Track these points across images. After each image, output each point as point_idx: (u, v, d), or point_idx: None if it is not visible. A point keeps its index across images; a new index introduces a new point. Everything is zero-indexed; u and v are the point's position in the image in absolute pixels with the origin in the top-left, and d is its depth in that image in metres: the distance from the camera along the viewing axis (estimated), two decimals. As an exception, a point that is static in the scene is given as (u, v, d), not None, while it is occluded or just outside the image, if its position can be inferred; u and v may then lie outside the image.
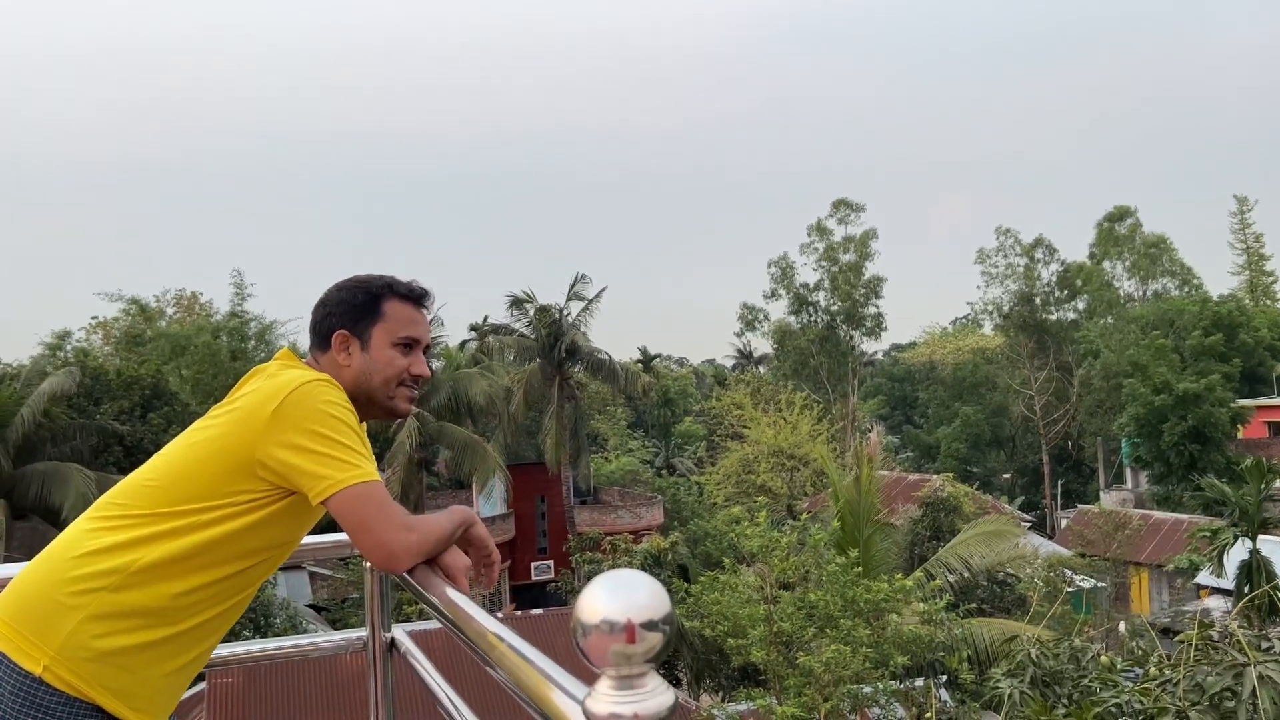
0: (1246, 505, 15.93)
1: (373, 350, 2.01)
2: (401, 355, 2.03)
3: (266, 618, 18.79)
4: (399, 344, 2.03)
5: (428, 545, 1.81)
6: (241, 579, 1.90)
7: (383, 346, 2.02)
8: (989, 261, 53.32)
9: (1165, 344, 40.47)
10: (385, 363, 2.01)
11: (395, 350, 2.02)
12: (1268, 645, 4.31)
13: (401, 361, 2.03)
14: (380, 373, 2.01)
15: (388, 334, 2.02)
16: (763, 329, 54.70)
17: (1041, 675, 5.18)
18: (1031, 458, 53.61)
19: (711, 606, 14.41)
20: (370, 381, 2.01)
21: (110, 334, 33.48)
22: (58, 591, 1.75)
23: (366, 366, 2.01)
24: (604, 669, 0.92)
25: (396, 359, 2.02)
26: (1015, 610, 21.30)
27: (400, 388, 2.04)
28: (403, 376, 2.03)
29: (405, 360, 2.03)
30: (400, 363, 2.03)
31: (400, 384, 2.04)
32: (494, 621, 1.35)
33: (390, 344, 2.02)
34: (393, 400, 2.03)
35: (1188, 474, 36.43)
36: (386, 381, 2.02)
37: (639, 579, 0.94)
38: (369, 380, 2.00)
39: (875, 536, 17.18)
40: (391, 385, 2.03)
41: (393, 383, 2.03)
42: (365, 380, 2.00)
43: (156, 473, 1.86)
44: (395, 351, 2.02)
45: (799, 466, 36.75)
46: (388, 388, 2.02)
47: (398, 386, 2.03)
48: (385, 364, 2.01)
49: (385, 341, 2.02)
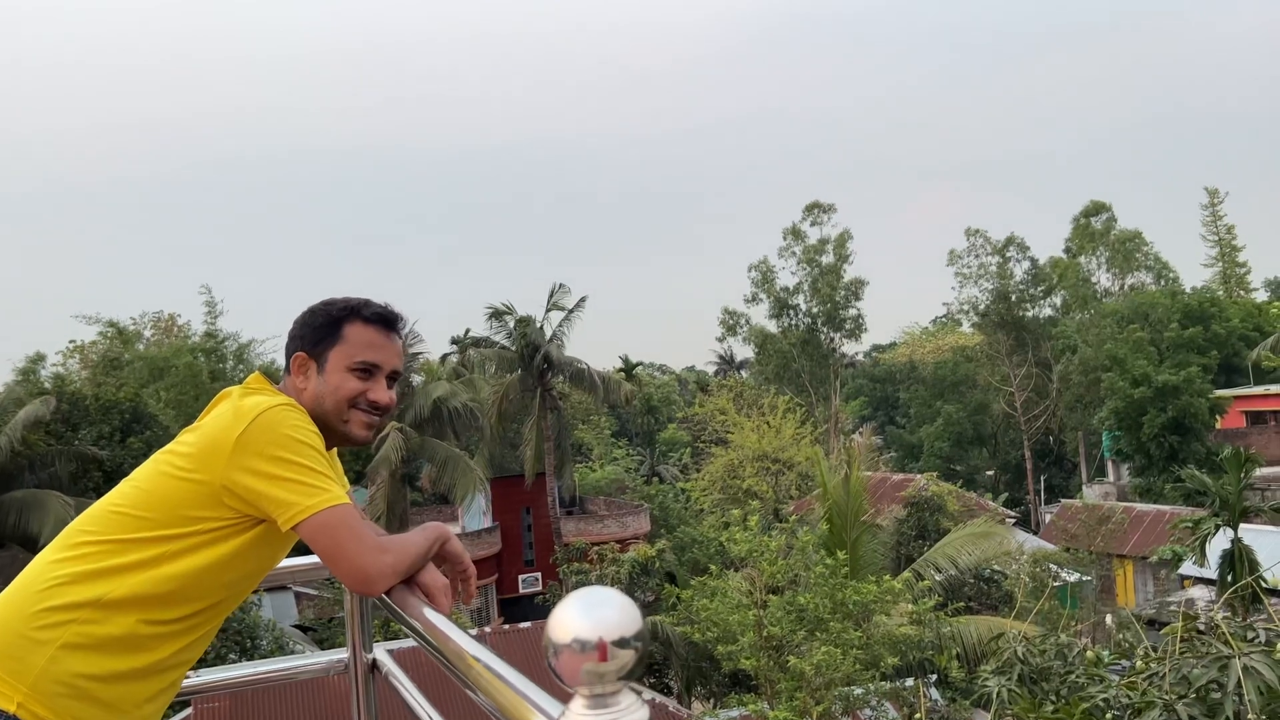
0: (1227, 495, 16.02)
1: (327, 374, 1.97)
2: (357, 380, 1.97)
3: (253, 640, 18.63)
4: (355, 368, 1.97)
5: (403, 566, 1.79)
6: (216, 609, 1.89)
7: (337, 370, 1.97)
8: (960, 262, 53.71)
9: (1142, 336, 40.85)
10: (336, 386, 1.96)
11: (350, 374, 1.97)
12: (1253, 635, 4.33)
13: (353, 385, 1.97)
14: (331, 396, 1.96)
15: (344, 357, 1.97)
16: (744, 333, 54.84)
17: (1029, 672, 5.19)
18: (1014, 454, 53.90)
19: (701, 613, 14.41)
20: (323, 405, 1.96)
21: (88, 358, 33.19)
22: (27, 626, 1.72)
23: (320, 390, 1.97)
24: (577, 688, 0.91)
25: (348, 382, 1.97)
26: (1002, 606, 21.40)
27: (354, 411, 1.98)
28: (356, 400, 1.98)
29: (360, 385, 1.97)
30: (351, 386, 1.97)
31: (354, 408, 1.98)
32: (471, 641, 1.34)
33: (345, 368, 1.97)
34: (346, 425, 1.98)
35: (1168, 465, 36.72)
36: (338, 405, 1.96)
37: (610, 596, 0.93)
38: (322, 404, 1.96)
39: (863, 537, 17.23)
40: (344, 409, 1.97)
41: (344, 407, 1.97)
42: (319, 404, 1.95)
43: (125, 499, 1.84)
44: (350, 375, 1.97)
45: (784, 470, 36.80)
46: (340, 412, 1.97)
47: (350, 410, 1.98)
48: (336, 388, 1.96)
49: (340, 365, 1.97)
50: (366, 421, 2.00)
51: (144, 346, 33.32)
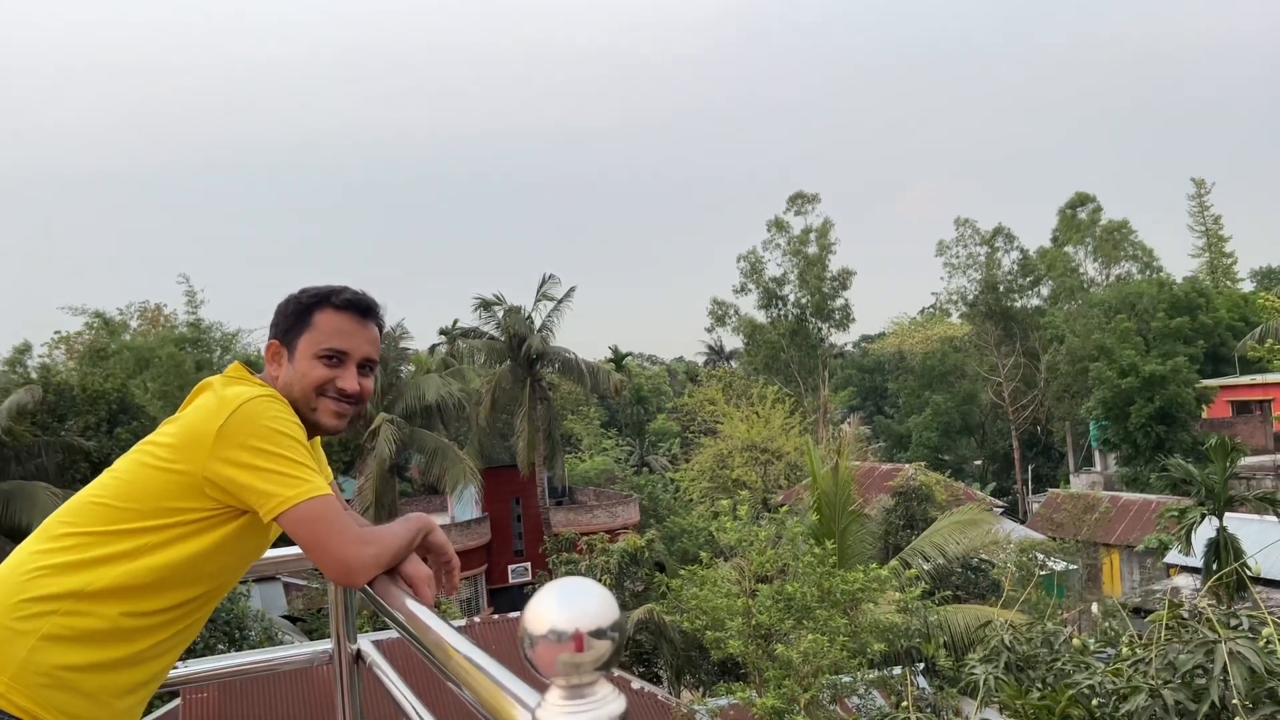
0: (1213, 484, 16.15)
1: (295, 361, 1.96)
2: (325, 367, 1.95)
3: (241, 630, 18.60)
4: (322, 355, 1.95)
5: (385, 557, 1.78)
6: (199, 600, 1.88)
7: (305, 357, 1.96)
8: (949, 253, 53.82)
9: (1129, 327, 41.02)
10: (303, 374, 1.95)
11: (318, 361, 1.95)
12: (1236, 622, 4.35)
13: (320, 373, 1.95)
14: (299, 383, 1.95)
15: (312, 344, 1.96)
16: (733, 324, 54.87)
17: (1015, 660, 5.21)
18: (1001, 444, 54.15)
19: (690, 601, 14.45)
20: (291, 392, 1.94)
21: (74, 348, 33.00)
22: (8, 617, 1.71)
23: (289, 378, 1.96)
24: (553, 679, 0.91)
25: (315, 369, 1.95)
26: (990, 595, 21.52)
27: (322, 399, 1.96)
28: (324, 388, 1.96)
29: (328, 372, 1.96)
30: (318, 374, 1.95)
31: (322, 395, 1.96)
32: (451, 632, 1.34)
33: (313, 355, 1.95)
34: (315, 413, 1.96)
35: (1155, 455, 36.91)
36: (305, 392, 1.95)
37: (587, 586, 0.93)
38: (290, 391, 1.94)
39: (851, 527, 17.29)
40: (311, 398, 1.95)
41: (311, 395, 1.95)
42: (288, 391, 1.94)
43: (106, 490, 1.83)
44: (317, 362, 1.95)
45: (773, 460, 36.87)
46: (308, 399, 1.95)
47: (319, 398, 1.96)
48: (303, 375, 1.95)
49: (308, 352, 1.96)
50: (336, 410, 1.98)
51: (130, 337, 33.12)
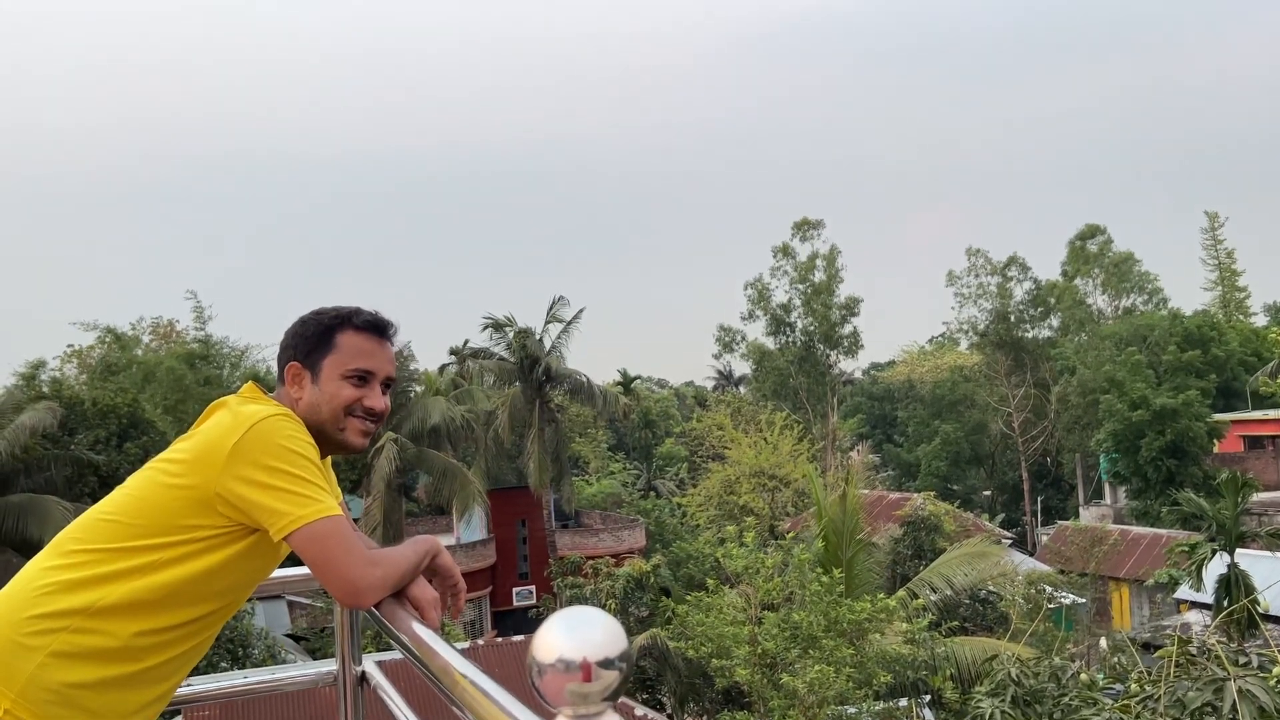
0: (1224, 519, 16.02)
1: (322, 382, 1.99)
2: (352, 387, 1.99)
3: (245, 648, 18.55)
4: (349, 376, 1.99)
5: (393, 579, 1.79)
6: (208, 619, 1.88)
7: (331, 379, 1.98)
8: (960, 283, 53.78)
9: (1140, 360, 40.85)
10: (331, 395, 1.98)
11: (345, 382, 1.99)
12: (1246, 660, 4.32)
13: (349, 393, 1.99)
14: (328, 404, 1.98)
15: (338, 366, 1.99)
16: (741, 350, 54.86)
17: (1023, 694, 5.16)
18: (1011, 474, 53.84)
19: (696, 628, 14.37)
20: (319, 414, 1.97)
21: (85, 363, 33.15)
22: (17, 632, 1.71)
23: (315, 399, 1.98)
24: (560, 708, 0.91)
25: (344, 390, 1.98)
26: (998, 627, 21.32)
27: (350, 419, 2.00)
28: (352, 408, 1.99)
29: (356, 392, 1.99)
30: (347, 394, 1.98)
31: (350, 415, 2.00)
32: (458, 656, 1.33)
33: (340, 376, 1.99)
34: (343, 433, 1.99)
35: (1165, 489, 36.63)
36: (334, 414, 1.98)
37: (595, 616, 0.93)
38: (318, 413, 1.97)
39: (858, 556, 17.19)
40: (340, 418, 1.99)
41: (340, 415, 1.98)
42: (315, 413, 1.97)
43: (117, 507, 1.83)
44: (345, 383, 1.99)
45: (780, 487, 36.71)
46: (336, 420, 1.98)
47: (347, 418, 1.99)
48: (331, 396, 1.98)
49: (334, 374, 1.99)
50: (363, 429, 2.02)
51: (141, 352, 33.27)
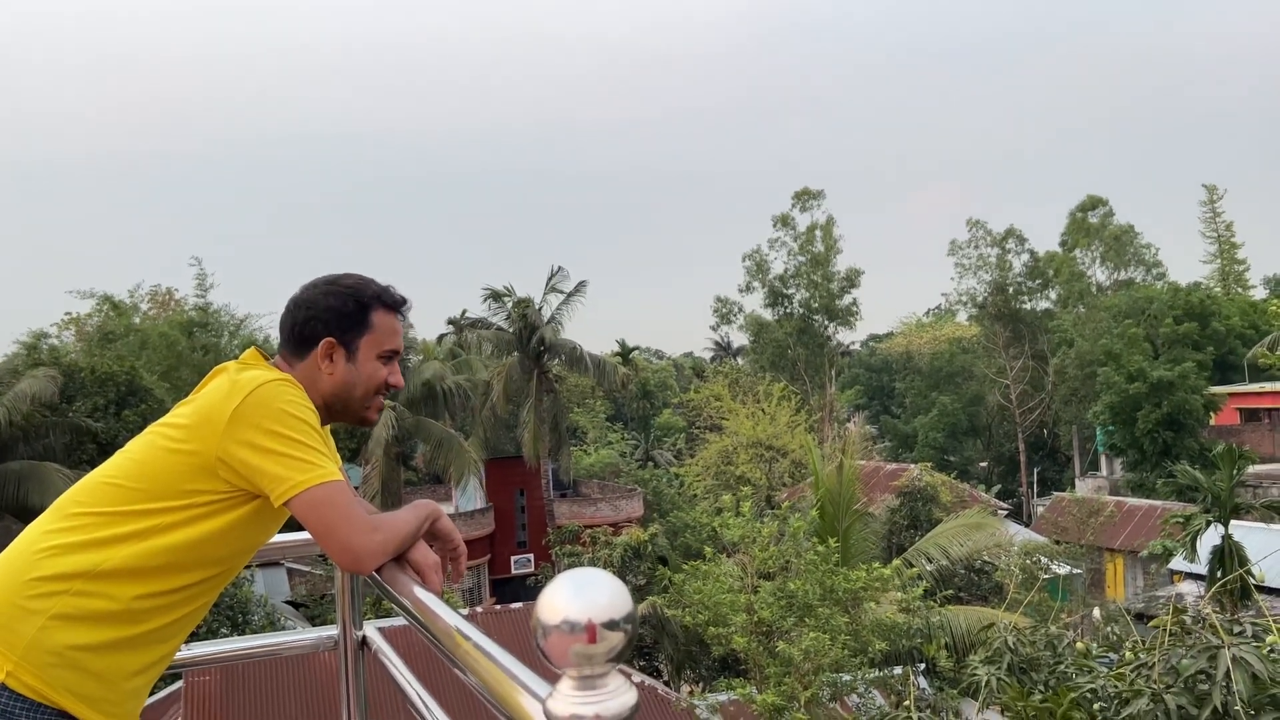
0: (1218, 491, 16.06)
1: (359, 362, 2.01)
2: (383, 366, 2.03)
3: (244, 615, 18.66)
4: (384, 356, 2.03)
5: (393, 544, 1.79)
6: (208, 583, 1.89)
7: (369, 359, 2.01)
8: (961, 253, 53.66)
9: (1138, 332, 40.86)
10: (369, 375, 2.01)
11: (379, 362, 2.02)
12: (1239, 629, 4.34)
13: (383, 373, 2.03)
14: (363, 384, 2.01)
15: (374, 346, 2.02)
16: (739, 322, 54.80)
17: (1018, 662, 5.21)
18: (1008, 446, 54.01)
19: (693, 595, 14.44)
20: (353, 392, 2.01)
21: (82, 330, 33.08)
22: (19, 595, 1.72)
23: (351, 377, 2.00)
24: (565, 669, 0.91)
25: (379, 370, 2.02)
26: (992, 598, 21.48)
27: (375, 397, 2.05)
28: (380, 387, 2.04)
29: (386, 371, 2.04)
30: (381, 374, 2.03)
31: (379, 393, 2.05)
32: (460, 620, 1.33)
33: (376, 356, 2.02)
34: (367, 410, 2.05)
35: (1161, 461, 36.80)
36: (367, 391, 2.02)
37: (600, 578, 0.93)
38: (351, 391, 2.00)
39: (854, 526, 17.28)
40: (370, 396, 2.03)
41: (372, 394, 2.03)
42: (348, 390, 2.00)
43: (119, 470, 1.83)
44: (379, 363, 2.02)
45: (777, 457, 36.84)
46: (367, 399, 2.03)
47: (375, 396, 2.04)
48: (369, 376, 2.01)
49: (371, 354, 2.01)
50: (381, 405, 2.09)
51: (139, 320, 33.19)
